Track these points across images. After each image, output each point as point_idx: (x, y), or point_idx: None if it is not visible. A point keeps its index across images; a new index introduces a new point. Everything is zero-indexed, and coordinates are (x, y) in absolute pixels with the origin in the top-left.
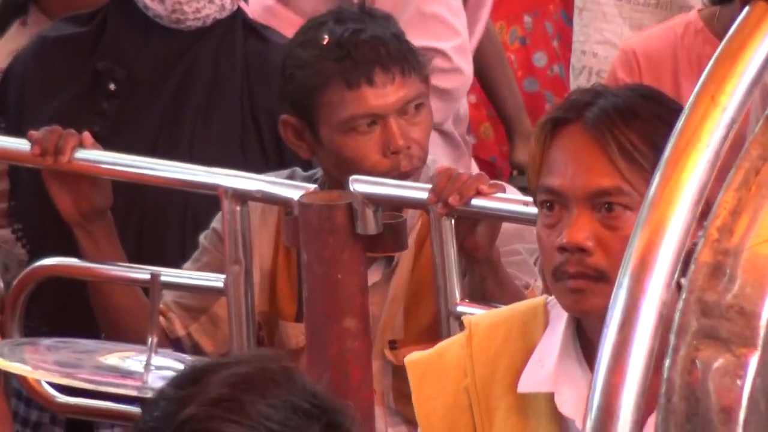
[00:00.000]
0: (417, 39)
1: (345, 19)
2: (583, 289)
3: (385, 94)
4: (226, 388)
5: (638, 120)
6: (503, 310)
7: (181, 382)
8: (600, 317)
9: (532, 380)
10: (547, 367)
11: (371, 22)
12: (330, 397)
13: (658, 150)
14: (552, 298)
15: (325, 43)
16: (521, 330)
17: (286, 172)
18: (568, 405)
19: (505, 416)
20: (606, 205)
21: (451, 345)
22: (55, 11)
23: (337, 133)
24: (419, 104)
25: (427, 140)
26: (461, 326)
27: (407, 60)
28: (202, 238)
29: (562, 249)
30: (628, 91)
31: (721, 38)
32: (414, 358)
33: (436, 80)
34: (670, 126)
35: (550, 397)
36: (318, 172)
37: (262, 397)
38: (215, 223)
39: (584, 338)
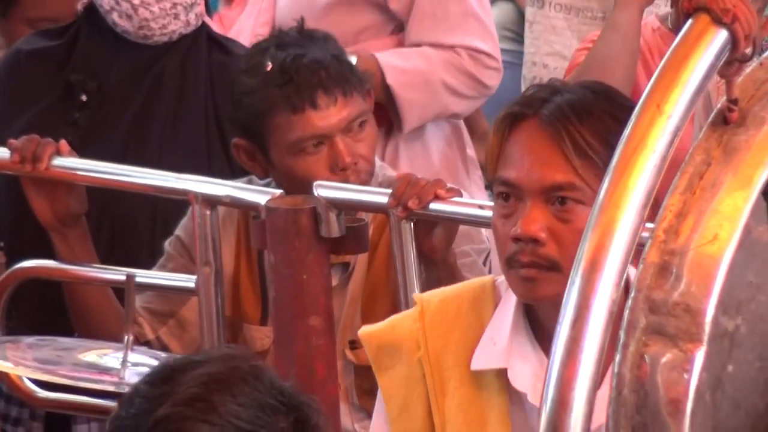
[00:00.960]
0: (462, 38)
1: (286, 44)
2: (535, 277)
3: (329, 115)
4: (198, 387)
5: (592, 117)
6: (453, 287)
7: (155, 380)
8: (551, 303)
9: (485, 357)
10: (499, 345)
11: (312, 45)
12: (297, 394)
13: (611, 147)
14: (500, 278)
15: (268, 69)
16: (472, 305)
17: (244, 180)
18: (520, 379)
19: (457, 386)
20: (559, 199)
21: (403, 319)
22: (29, 13)
23: (287, 155)
24: (363, 121)
25: (373, 154)
26: None
27: (348, 80)
28: (167, 245)
29: (516, 239)
30: (583, 88)
31: (676, 34)
32: (367, 331)
33: (485, 78)
34: (622, 123)
35: (502, 372)
36: (271, 181)
37: (231, 396)
38: (179, 230)
39: (533, 316)
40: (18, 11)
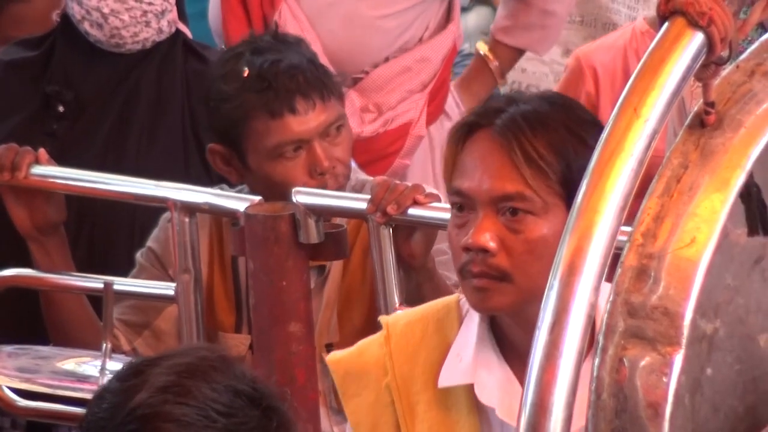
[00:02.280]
0: None
1: (261, 50)
2: (487, 287)
3: (307, 120)
4: (171, 375)
5: (545, 128)
6: (419, 309)
7: (125, 376)
8: (507, 315)
9: (452, 374)
10: (465, 360)
11: (287, 50)
12: (267, 383)
13: (564, 158)
14: (464, 296)
15: (245, 75)
16: (437, 326)
17: (215, 189)
18: (486, 393)
19: (426, 409)
20: (510, 210)
21: (370, 344)
22: (7, 30)
23: (265, 160)
24: (340, 125)
25: (349, 157)
26: None
27: (325, 85)
28: (139, 256)
29: (467, 249)
30: (541, 99)
31: None
32: (335, 357)
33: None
34: (578, 136)
35: (470, 389)
36: (244, 188)
37: (205, 383)
38: (151, 242)
39: (498, 330)
40: None
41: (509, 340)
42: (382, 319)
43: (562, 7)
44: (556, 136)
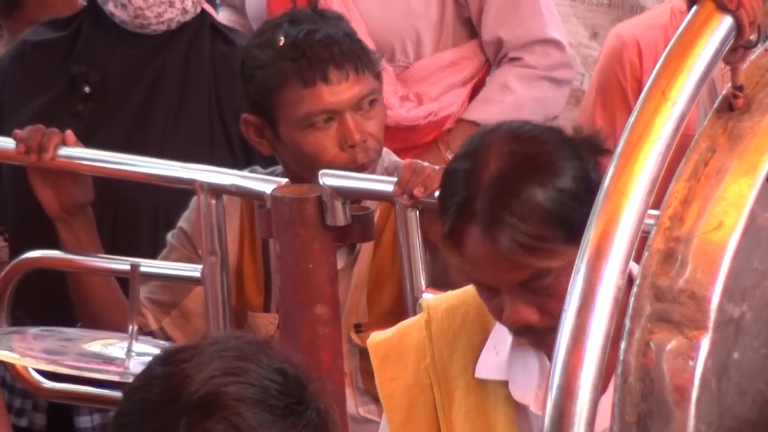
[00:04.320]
0: (534, 30)
1: (299, 21)
2: (541, 341)
3: (340, 91)
4: (225, 359)
5: (530, 206)
6: (459, 292)
7: (171, 361)
8: None
9: (488, 367)
10: (501, 355)
11: (324, 23)
12: (301, 365)
13: (561, 221)
14: None
15: (281, 44)
16: (477, 312)
17: (246, 170)
18: (521, 392)
19: (464, 394)
20: (535, 289)
21: (410, 327)
22: (33, 14)
23: (296, 130)
24: (373, 100)
25: (382, 133)
26: None
27: (360, 58)
28: (170, 236)
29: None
30: (507, 158)
31: None
32: (375, 340)
33: (557, 73)
34: (564, 189)
35: (506, 382)
36: (277, 169)
37: (256, 364)
38: (182, 222)
39: None
40: (23, 12)
41: None
42: (423, 301)
43: (522, 88)
44: (545, 207)
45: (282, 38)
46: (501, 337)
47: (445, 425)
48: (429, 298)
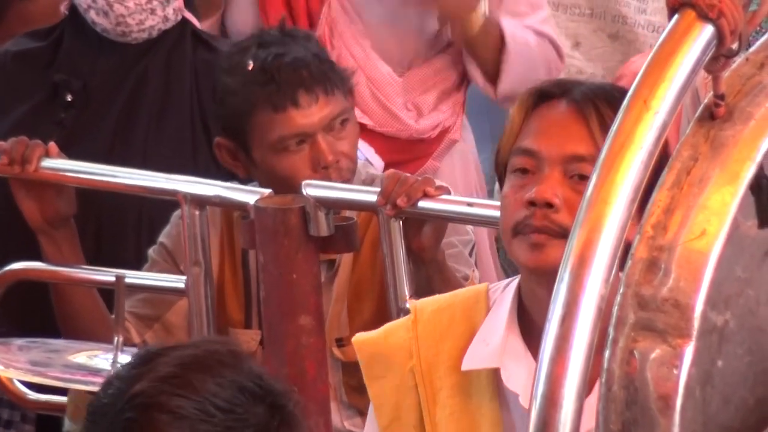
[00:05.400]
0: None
1: (267, 44)
2: (545, 243)
3: (310, 113)
4: (176, 367)
5: (616, 101)
6: (447, 296)
7: (134, 363)
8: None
9: (477, 357)
10: (492, 345)
11: (293, 44)
12: (275, 381)
13: None
14: (494, 285)
15: (249, 68)
16: (464, 314)
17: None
18: (513, 380)
19: (449, 395)
20: (578, 175)
21: (396, 328)
22: (15, 29)
23: (269, 154)
24: (344, 119)
25: (355, 151)
26: None
27: (329, 79)
28: (151, 251)
29: (530, 203)
30: (604, 82)
31: None
32: (361, 338)
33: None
34: None
35: (493, 373)
36: (256, 183)
37: (210, 376)
38: (162, 237)
39: (525, 323)
40: (3, 27)
41: (537, 331)
42: (411, 303)
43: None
44: None
45: (250, 62)
46: (491, 329)
47: (430, 426)
48: (416, 301)
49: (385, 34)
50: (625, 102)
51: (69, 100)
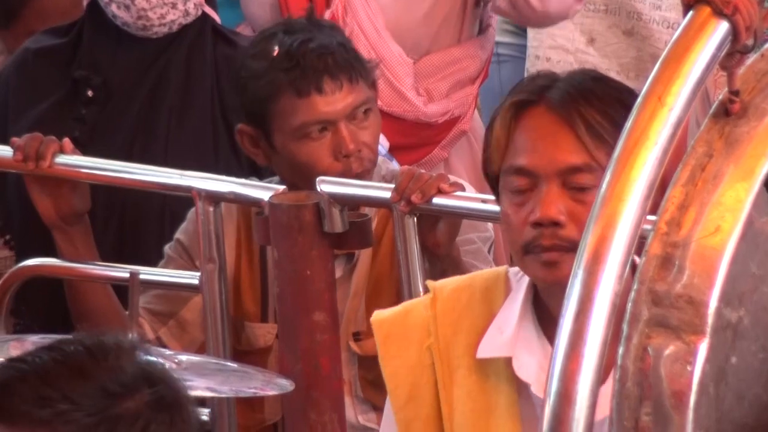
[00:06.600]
0: None
1: (294, 30)
2: (557, 260)
3: (334, 101)
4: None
5: (597, 99)
6: (466, 277)
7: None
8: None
9: (491, 346)
10: (506, 334)
11: (319, 32)
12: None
13: (618, 127)
14: (513, 269)
15: (275, 54)
16: (483, 295)
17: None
18: (524, 370)
19: (466, 375)
20: (576, 184)
21: (415, 306)
22: (31, 25)
23: (291, 140)
24: (367, 109)
25: (377, 142)
26: None
27: (354, 67)
28: (167, 248)
29: (536, 224)
30: (580, 74)
31: None
32: (379, 317)
33: None
34: (624, 103)
35: (509, 361)
36: (273, 180)
37: (66, 384)
38: (179, 234)
39: (541, 309)
40: (20, 23)
41: (553, 318)
42: (429, 283)
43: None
44: (608, 105)
45: (276, 48)
46: (506, 318)
47: (446, 404)
48: (434, 282)
49: (400, 15)
50: (640, 98)
51: (90, 95)
